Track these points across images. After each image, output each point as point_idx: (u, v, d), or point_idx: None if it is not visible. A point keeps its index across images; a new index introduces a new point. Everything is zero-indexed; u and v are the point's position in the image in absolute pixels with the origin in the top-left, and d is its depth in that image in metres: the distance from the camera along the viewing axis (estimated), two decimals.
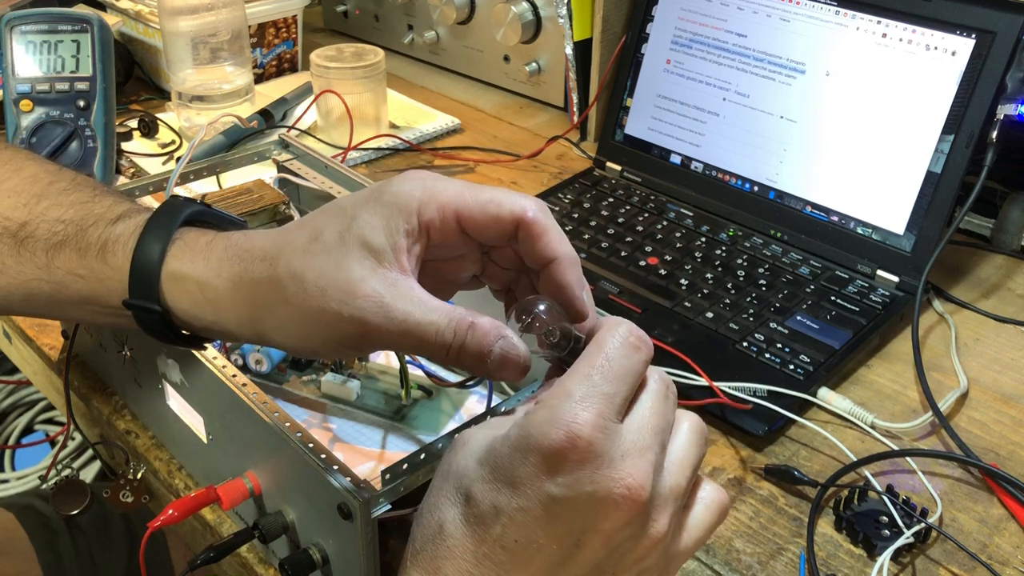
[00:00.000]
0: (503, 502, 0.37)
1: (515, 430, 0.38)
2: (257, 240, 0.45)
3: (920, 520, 0.56)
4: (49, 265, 0.48)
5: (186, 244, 0.46)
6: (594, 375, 0.38)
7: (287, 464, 0.48)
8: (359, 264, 0.41)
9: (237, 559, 0.57)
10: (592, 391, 0.38)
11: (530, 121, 1.16)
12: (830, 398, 0.67)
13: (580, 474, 0.36)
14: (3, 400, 1.70)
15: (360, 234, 0.42)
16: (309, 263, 0.42)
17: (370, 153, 1.05)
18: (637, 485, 0.37)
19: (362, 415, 0.60)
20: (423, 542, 0.40)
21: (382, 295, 0.41)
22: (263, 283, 0.43)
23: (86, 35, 0.86)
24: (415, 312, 0.41)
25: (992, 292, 0.82)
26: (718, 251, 0.84)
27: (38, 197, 0.50)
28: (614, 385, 0.38)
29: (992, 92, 0.75)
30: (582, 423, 0.37)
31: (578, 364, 0.39)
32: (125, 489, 0.64)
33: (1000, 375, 0.72)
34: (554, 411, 0.37)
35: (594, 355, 0.39)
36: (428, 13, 1.26)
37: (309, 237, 0.43)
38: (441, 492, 0.40)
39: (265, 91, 1.14)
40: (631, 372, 0.39)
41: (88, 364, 0.71)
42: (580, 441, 0.36)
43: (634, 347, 0.40)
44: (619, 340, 0.40)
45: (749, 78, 0.88)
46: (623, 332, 0.40)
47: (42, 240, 0.49)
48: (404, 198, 0.43)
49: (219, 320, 0.45)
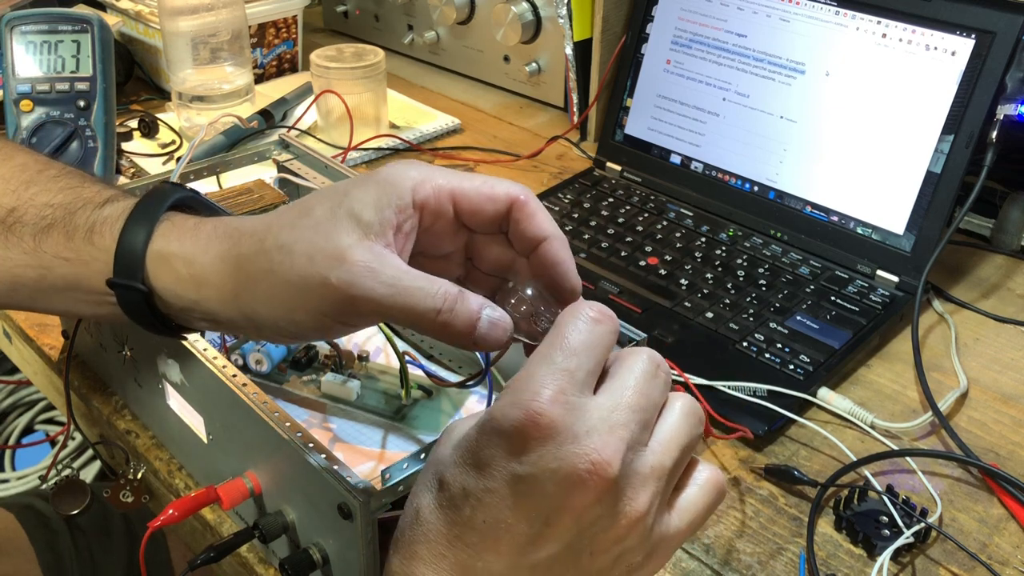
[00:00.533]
0: (471, 484, 0.38)
1: (484, 415, 0.38)
2: (247, 221, 0.45)
3: (920, 520, 0.56)
4: (36, 249, 0.48)
5: (173, 225, 0.46)
6: (554, 353, 0.38)
7: (287, 464, 0.48)
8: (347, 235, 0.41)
9: (237, 559, 0.57)
10: (552, 368, 0.38)
11: (530, 121, 1.16)
12: (830, 398, 0.67)
13: (543, 451, 0.37)
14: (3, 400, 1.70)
15: (350, 207, 0.42)
16: (298, 235, 0.42)
17: (370, 153, 1.05)
18: (603, 460, 0.37)
19: (362, 415, 0.60)
20: (402, 529, 0.41)
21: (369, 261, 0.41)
22: (250, 257, 0.43)
23: (86, 35, 0.86)
24: (403, 278, 0.41)
25: (992, 292, 0.82)
26: (718, 251, 0.84)
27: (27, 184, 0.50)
28: (575, 360, 0.38)
29: (992, 92, 0.75)
30: (542, 400, 0.37)
31: (540, 346, 0.39)
32: (125, 489, 0.64)
33: (1000, 375, 0.72)
34: (515, 392, 0.37)
35: (554, 335, 0.39)
36: (428, 13, 1.26)
37: (299, 213, 0.43)
38: (421, 479, 0.41)
39: (265, 91, 1.14)
40: (594, 345, 0.39)
41: (88, 364, 0.71)
42: (541, 418, 0.36)
43: (594, 320, 0.40)
44: (579, 316, 0.40)
45: (749, 78, 0.88)
46: (583, 308, 0.40)
47: (30, 225, 0.49)
48: (398, 177, 0.43)
49: (201, 299, 0.45)
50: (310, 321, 0.43)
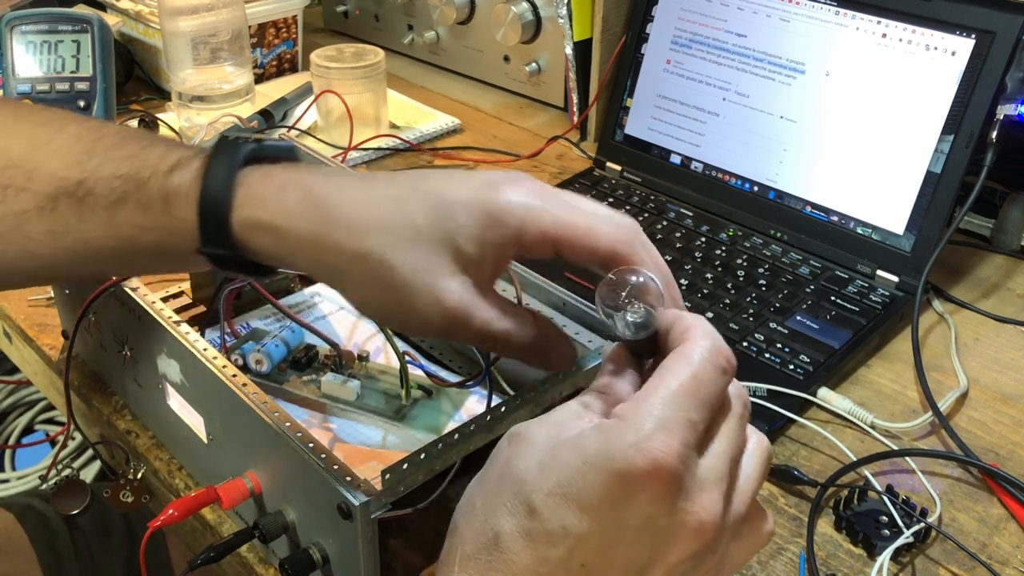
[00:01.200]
0: (572, 523, 0.35)
1: (590, 444, 0.36)
2: (337, 199, 0.44)
3: (920, 520, 0.56)
4: (111, 221, 0.47)
5: (251, 190, 0.45)
6: (681, 398, 0.36)
7: (287, 464, 0.48)
8: (448, 266, 0.42)
9: (237, 559, 0.57)
10: (678, 416, 0.36)
11: (530, 121, 1.16)
12: (830, 398, 0.67)
13: (658, 505, 0.35)
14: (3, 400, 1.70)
15: (454, 237, 0.43)
16: (398, 254, 0.42)
17: (370, 153, 1.05)
18: (710, 521, 0.36)
19: (362, 415, 0.60)
20: (476, 548, 0.37)
21: (464, 300, 0.43)
22: (347, 252, 0.43)
23: (86, 35, 0.86)
24: (493, 323, 0.44)
25: (992, 292, 0.82)
26: (718, 251, 0.84)
27: (88, 154, 0.49)
28: (700, 412, 0.36)
29: (992, 92, 0.75)
30: (667, 452, 0.35)
31: (663, 378, 0.37)
32: (125, 489, 0.64)
33: (1000, 375, 0.72)
34: (639, 434, 0.35)
35: (681, 371, 0.37)
36: (428, 13, 1.26)
37: (402, 224, 0.43)
38: (498, 496, 0.37)
39: (265, 91, 1.14)
40: (717, 398, 0.38)
41: (88, 364, 0.71)
42: (663, 472, 0.35)
43: (722, 369, 0.38)
44: (708, 359, 0.38)
45: (749, 78, 0.88)
46: (711, 349, 0.38)
47: (102, 197, 0.47)
48: (507, 214, 0.43)
49: (292, 264, 0.46)
50: (397, 322, 0.45)
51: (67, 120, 0.51)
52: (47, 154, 0.49)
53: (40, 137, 0.50)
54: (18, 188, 0.48)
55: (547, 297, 0.61)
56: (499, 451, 0.39)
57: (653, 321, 0.40)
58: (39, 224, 0.48)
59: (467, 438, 0.49)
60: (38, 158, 0.49)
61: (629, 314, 0.39)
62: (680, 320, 0.40)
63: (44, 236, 0.48)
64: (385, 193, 0.45)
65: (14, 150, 0.49)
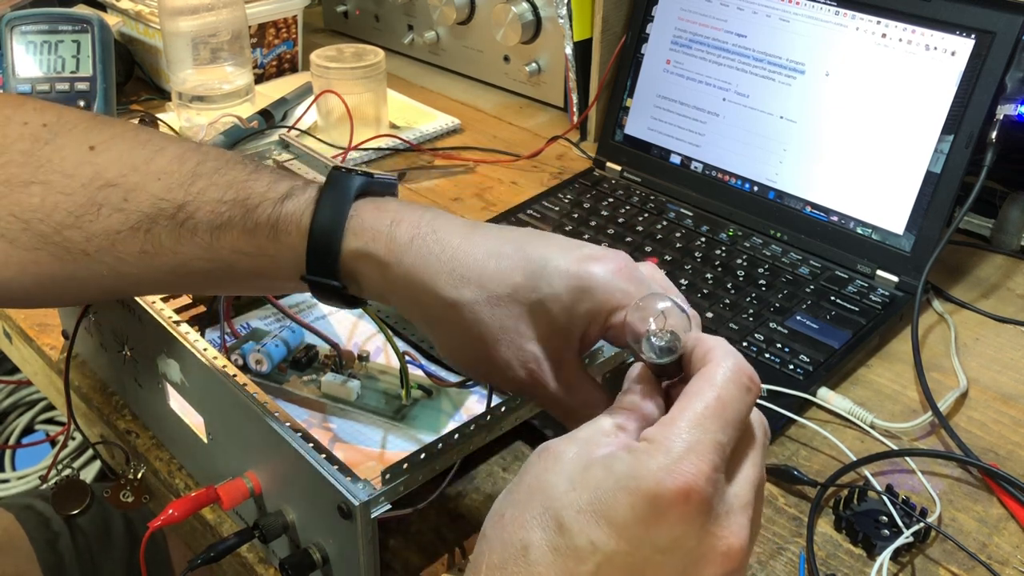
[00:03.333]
0: (600, 540, 0.35)
1: (621, 465, 0.36)
2: (444, 242, 0.46)
3: (919, 520, 0.56)
4: (212, 245, 0.48)
5: (366, 222, 0.46)
6: (708, 420, 0.37)
7: (287, 464, 0.48)
8: (534, 330, 0.44)
9: (237, 559, 0.57)
10: (706, 438, 0.36)
11: (530, 121, 1.16)
12: (830, 398, 0.67)
13: (687, 528, 0.35)
14: (4, 400, 1.70)
15: (546, 305, 0.44)
16: (490, 310, 0.44)
17: (370, 153, 1.05)
18: (737, 546, 0.36)
19: (362, 415, 0.60)
20: (503, 559, 0.37)
21: (541, 368, 0.45)
22: (443, 299, 0.45)
23: (86, 35, 0.86)
24: (564, 399, 0.46)
25: (992, 292, 0.82)
26: (718, 251, 0.84)
27: (192, 177, 0.49)
28: (727, 432, 0.37)
29: (992, 92, 0.75)
30: (697, 475, 0.35)
31: (690, 400, 0.38)
32: (126, 489, 0.64)
33: (1000, 375, 0.72)
34: (669, 457, 0.36)
35: (706, 393, 0.38)
36: (428, 13, 1.26)
37: (500, 281, 0.45)
38: (527, 508, 0.38)
39: (265, 91, 1.14)
40: (742, 416, 0.38)
41: (88, 364, 0.71)
42: (694, 495, 0.35)
43: (746, 388, 0.38)
44: (732, 379, 0.38)
45: (749, 78, 0.88)
46: (734, 370, 0.39)
47: (204, 222, 0.48)
48: (602, 291, 0.44)
49: (392, 299, 0.47)
50: (475, 374, 0.46)
51: (167, 141, 0.51)
52: (146, 175, 0.49)
53: (138, 157, 0.49)
54: (113, 207, 0.48)
55: None
56: (529, 465, 0.40)
57: (679, 346, 0.41)
58: (132, 244, 0.48)
59: (467, 438, 0.49)
60: (136, 179, 0.49)
61: (655, 338, 0.40)
62: (701, 342, 0.41)
63: (135, 256, 0.48)
64: (489, 247, 0.46)
65: (111, 169, 0.49)
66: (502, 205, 0.95)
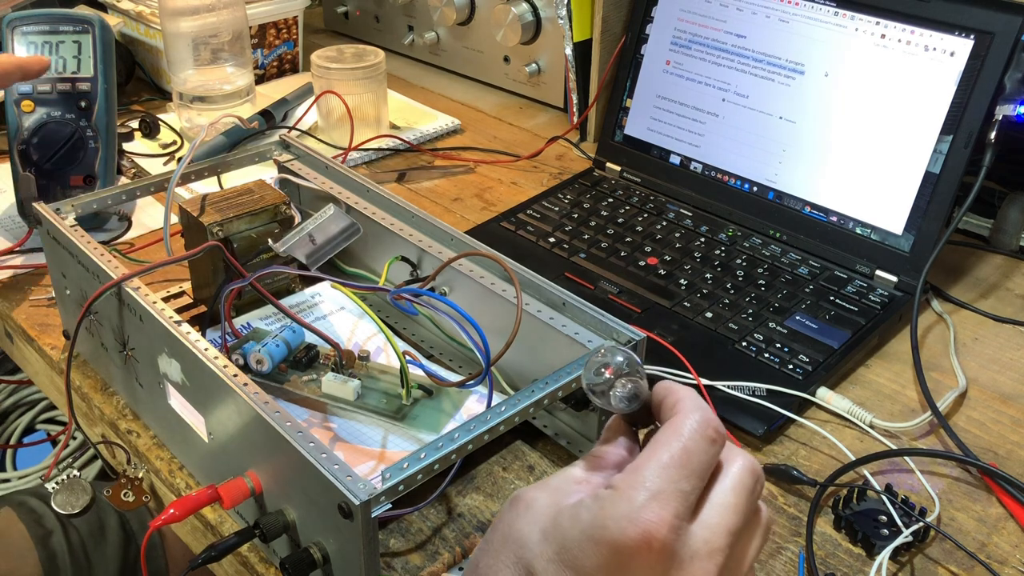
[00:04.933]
0: None
1: (586, 514, 0.37)
2: None
3: (919, 519, 0.56)
4: None
5: None
6: (672, 469, 0.37)
7: (288, 463, 0.49)
8: None
9: (238, 558, 0.57)
10: (669, 487, 0.37)
11: (530, 122, 1.16)
12: (829, 398, 0.67)
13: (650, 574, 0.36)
14: (5, 400, 1.70)
15: None
16: None
17: (370, 154, 1.05)
18: None
19: (362, 415, 0.60)
20: None
21: None
22: None
23: (87, 36, 0.86)
24: None
25: (991, 292, 0.83)
26: (717, 251, 0.84)
27: None
28: (691, 481, 0.38)
29: (991, 92, 0.75)
30: (659, 523, 0.36)
31: (655, 450, 0.38)
32: (126, 488, 0.64)
33: (999, 375, 0.72)
34: (632, 505, 0.36)
35: (672, 443, 0.38)
36: (428, 14, 1.27)
37: None
38: (500, 556, 0.39)
39: (266, 92, 1.14)
40: (707, 467, 0.39)
41: (89, 364, 0.71)
42: (655, 542, 0.36)
43: (711, 440, 0.39)
44: (697, 431, 0.39)
45: (748, 79, 0.88)
46: (700, 422, 0.39)
47: None
48: None
49: None
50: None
51: None
52: None
53: None
54: None
55: (547, 297, 0.61)
56: (503, 513, 0.41)
57: (641, 392, 0.42)
58: None
59: (467, 438, 0.49)
60: None
61: (618, 389, 0.41)
62: (671, 393, 0.41)
63: None
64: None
65: None
66: (502, 205, 0.95)
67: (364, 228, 0.69)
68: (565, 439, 0.63)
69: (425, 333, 0.72)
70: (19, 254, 0.85)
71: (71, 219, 0.67)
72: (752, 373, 0.69)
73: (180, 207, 0.68)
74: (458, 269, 0.65)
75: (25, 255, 0.85)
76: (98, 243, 0.64)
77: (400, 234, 0.69)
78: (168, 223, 0.69)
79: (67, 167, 0.86)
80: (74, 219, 0.67)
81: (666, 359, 0.68)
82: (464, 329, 0.57)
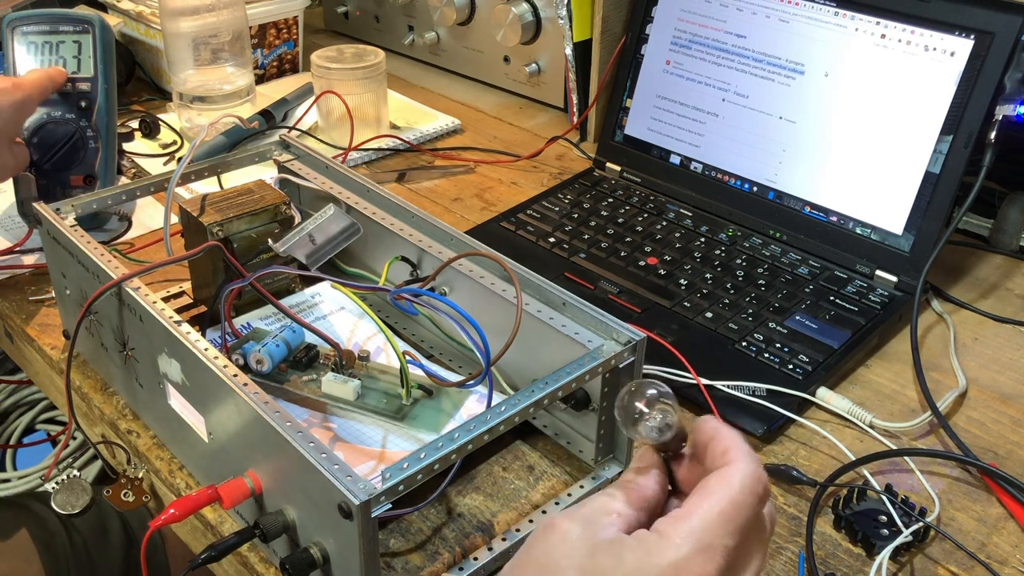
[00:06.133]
0: None
1: (631, 556, 0.37)
2: None
3: (919, 519, 0.56)
4: None
5: None
6: (720, 524, 0.38)
7: (288, 463, 0.49)
8: None
9: (238, 558, 0.57)
10: (716, 542, 0.37)
11: (530, 122, 1.16)
12: (829, 398, 0.67)
13: None
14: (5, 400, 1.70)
15: None
16: None
17: (371, 154, 1.05)
18: None
19: (362, 415, 0.60)
20: None
21: None
22: None
23: (87, 36, 0.86)
24: None
25: (990, 292, 0.83)
26: (717, 251, 0.84)
27: None
28: (735, 538, 0.38)
29: (991, 92, 0.75)
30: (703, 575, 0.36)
31: (705, 499, 0.38)
32: (126, 489, 0.64)
33: (999, 375, 0.72)
34: (678, 555, 0.37)
35: (722, 495, 0.38)
36: (428, 14, 1.27)
37: None
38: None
39: (266, 92, 1.14)
40: (752, 524, 0.39)
41: (89, 364, 0.71)
42: None
43: (759, 497, 0.39)
44: (749, 487, 0.39)
45: (748, 79, 0.88)
46: (752, 476, 0.39)
47: None
48: None
49: None
50: None
51: None
52: None
53: None
54: None
55: (547, 297, 0.61)
56: (535, 540, 0.40)
57: (673, 423, 0.42)
58: None
59: (467, 438, 0.49)
60: None
61: (650, 419, 0.42)
62: (719, 437, 0.41)
63: None
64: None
65: None
66: (502, 205, 0.95)
67: (364, 228, 0.69)
68: (565, 439, 0.63)
69: (425, 333, 0.72)
70: (19, 254, 0.85)
71: (71, 219, 0.67)
72: (752, 373, 0.69)
73: (180, 207, 0.68)
74: (458, 269, 0.65)
75: (25, 255, 0.85)
76: (98, 243, 0.64)
77: (400, 234, 0.69)
78: (168, 223, 0.69)
79: (67, 167, 0.86)
80: (74, 219, 0.67)
81: (666, 359, 0.68)
82: (464, 329, 0.57)
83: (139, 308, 0.58)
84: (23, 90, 0.77)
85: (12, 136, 0.77)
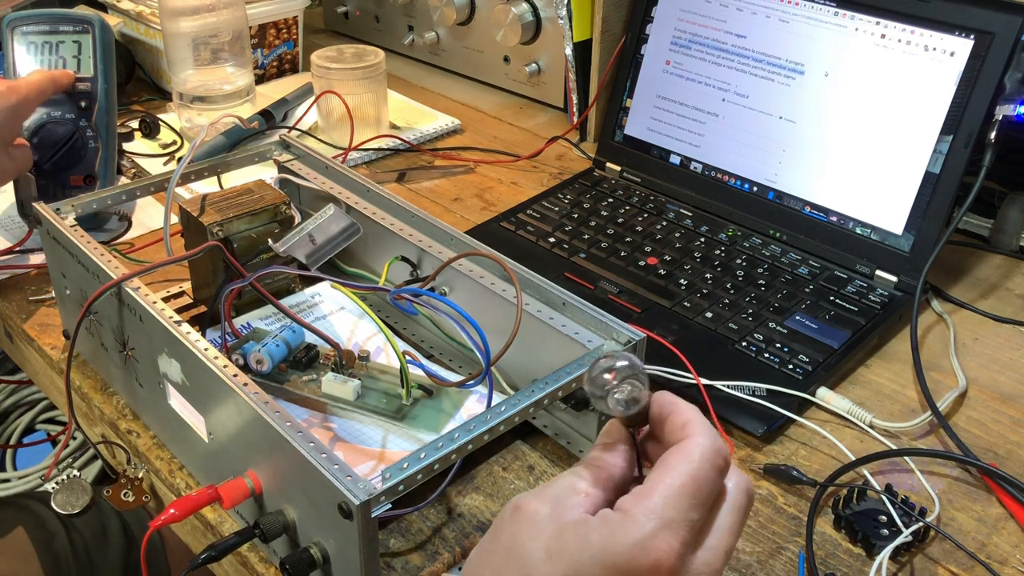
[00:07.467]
0: None
1: (596, 537, 0.38)
2: None
3: (919, 519, 0.56)
4: None
5: None
6: (682, 498, 0.38)
7: (288, 463, 0.49)
8: None
9: (238, 558, 0.57)
10: (679, 516, 0.38)
11: (530, 122, 1.16)
12: (829, 398, 0.67)
13: None
14: (5, 400, 1.70)
15: None
16: None
17: (370, 154, 1.05)
18: None
19: (362, 415, 0.60)
20: None
21: None
22: None
23: (87, 36, 0.86)
24: None
25: (990, 292, 0.83)
26: (717, 251, 0.84)
27: None
28: (699, 511, 0.38)
29: (990, 92, 0.75)
30: (668, 551, 0.37)
31: (665, 475, 0.39)
32: (126, 489, 0.64)
33: (998, 375, 0.72)
34: (642, 532, 0.37)
35: (682, 469, 0.39)
36: (428, 14, 1.27)
37: None
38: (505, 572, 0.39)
39: (266, 92, 1.14)
40: (714, 495, 0.39)
41: (89, 364, 0.71)
42: (663, 570, 0.37)
43: (719, 469, 0.39)
44: (708, 459, 0.39)
45: (748, 79, 0.88)
46: (710, 449, 0.39)
47: None
48: None
49: None
50: None
51: None
52: None
53: None
54: None
55: (547, 297, 0.61)
56: (502, 523, 0.41)
57: (641, 398, 0.42)
58: None
59: (467, 438, 0.49)
60: None
61: (618, 392, 0.41)
62: (677, 411, 0.41)
63: None
64: None
65: None
66: (502, 205, 0.95)
67: (364, 228, 0.69)
68: (565, 439, 0.63)
69: (425, 333, 0.72)
70: (19, 254, 0.85)
71: (71, 219, 0.67)
72: (752, 373, 0.69)
73: (180, 207, 0.68)
74: (458, 269, 0.65)
75: (25, 255, 0.85)
76: (98, 243, 0.64)
77: (400, 234, 0.69)
78: (168, 223, 0.69)
79: (67, 167, 0.86)
80: (74, 219, 0.67)
81: (666, 359, 0.68)
82: (464, 329, 0.57)
83: (139, 308, 0.58)
84: (18, 93, 0.76)
85: (8, 140, 0.76)
